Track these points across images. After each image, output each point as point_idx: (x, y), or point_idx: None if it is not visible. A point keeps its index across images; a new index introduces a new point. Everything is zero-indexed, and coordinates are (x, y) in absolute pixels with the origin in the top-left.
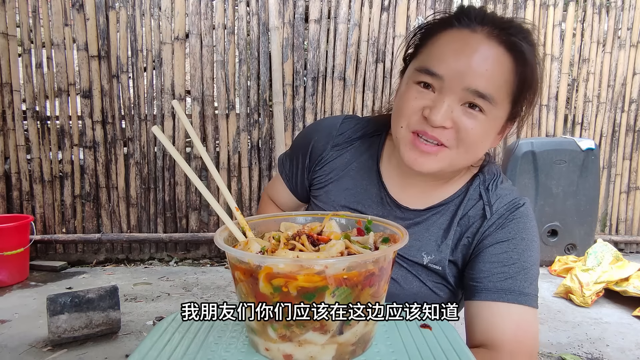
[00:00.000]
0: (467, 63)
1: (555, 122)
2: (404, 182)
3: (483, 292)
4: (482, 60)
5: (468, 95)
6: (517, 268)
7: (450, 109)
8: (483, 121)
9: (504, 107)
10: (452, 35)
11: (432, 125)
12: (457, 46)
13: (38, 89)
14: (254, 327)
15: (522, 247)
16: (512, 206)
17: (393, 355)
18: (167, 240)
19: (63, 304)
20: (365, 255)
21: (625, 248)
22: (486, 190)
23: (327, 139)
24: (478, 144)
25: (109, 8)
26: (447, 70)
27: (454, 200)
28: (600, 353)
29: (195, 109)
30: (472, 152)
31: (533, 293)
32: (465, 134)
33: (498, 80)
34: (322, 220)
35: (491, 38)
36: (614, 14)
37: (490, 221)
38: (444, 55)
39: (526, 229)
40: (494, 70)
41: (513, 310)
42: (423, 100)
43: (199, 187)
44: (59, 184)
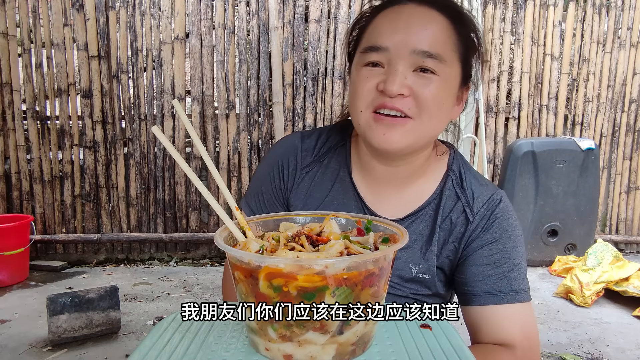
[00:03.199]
0: (407, 28)
1: (555, 122)
2: (378, 188)
3: (482, 297)
4: (420, 22)
5: (417, 59)
6: (509, 266)
7: (403, 75)
8: (438, 82)
9: (455, 66)
10: (385, 13)
11: (390, 96)
12: (392, 18)
13: (38, 89)
14: (254, 327)
15: (510, 245)
16: (492, 204)
17: (393, 355)
18: (167, 240)
19: (63, 304)
20: (365, 255)
21: (625, 248)
22: (461, 189)
23: (294, 161)
24: (440, 108)
25: (109, 8)
26: (391, 40)
27: (431, 203)
28: (600, 353)
29: (195, 109)
30: (435, 118)
31: (527, 287)
32: (424, 99)
33: (440, 38)
34: (321, 220)
35: (422, 4)
36: (614, 14)
37: (474, 224)
38: (383, 29)
39: (510, 226)
40: (434, 29)
41: (515, 309)
42: (375, 77)
43: (199, 187)
44: (59, 184)
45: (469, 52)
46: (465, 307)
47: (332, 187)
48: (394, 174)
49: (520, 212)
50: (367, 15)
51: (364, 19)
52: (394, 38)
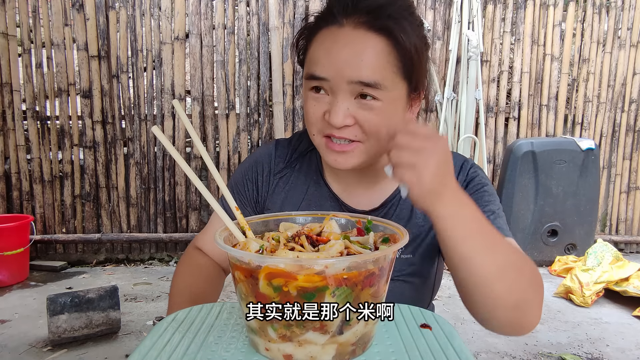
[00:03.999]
0: (343, 59)
1: (555, 122)
2: (351, 186)
3: None
4: (355, 52)
5: (356, 88)
6: (488, 212)
7: (345, 107)
8: (381, 107)
9: (399, 86)
10: (323, 36)
11: (335, 128)
12: (328, 45)
13: (38, 89)
14: (254, 327)
15: (487, 196)
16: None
17: (393, 355)
18: (167, 240)
19: (63, 304)
20: (365, 255)
21: (625, 248)
22: None
23: (268, 167)
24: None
25: (109, 8)
26: (328, 71)
27: None
28: (600, 353)
29: (195, 109)
30: (384, 137)
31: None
32: (369, 126)
33: (378, 64)
34: (321, 220)
35: (358, 27)
36: (614, 14)
37: None
38: (320, 57)
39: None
40: (370, 58)
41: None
42: (321, 105)
43: (199, 187)
44: (59, 184)
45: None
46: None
47: (307, 190)
48: (360, 177)
49: (520, 212)
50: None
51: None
52: (331, 69)
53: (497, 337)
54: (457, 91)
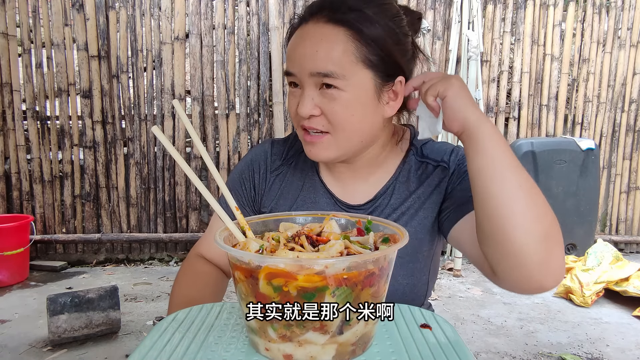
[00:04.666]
0: (302, 52)
1: (555, 122)
2: (345, 181)
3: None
4: (313, 44)
5: (317, 79)
6: None
7: (310, 97)
8: (344, 96)
9: (361, 75)
10: (294, 35)
11: (303, 118)
12: (294, 42)
13: (38, 89)
14: (254, 327)
15: None
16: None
17: (393, 355)
18: (167, 240)
19: (63, 304)
20: (365, 255)
21: (625, 248)
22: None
23: (264, 165)
24: (352, 121)
25: (109, 8)
26: (294, 66)
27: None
28: (600, 353)
29: (195, 109)
30: (351, 130)
31: None
32: (333, 116)
33: (334, 54)
34: (321, 220)
35: (318, 22)
36: (614, 14)
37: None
38: (289, 54)
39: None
40: (325, 48)
41: None
42: (295, 98)
43: (199, 187)
44: (59, 184)
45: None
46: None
47: (302, 186)
48: (353, 169)
49: None
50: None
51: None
52: (295, 64)
53: (497, 337)
54: None
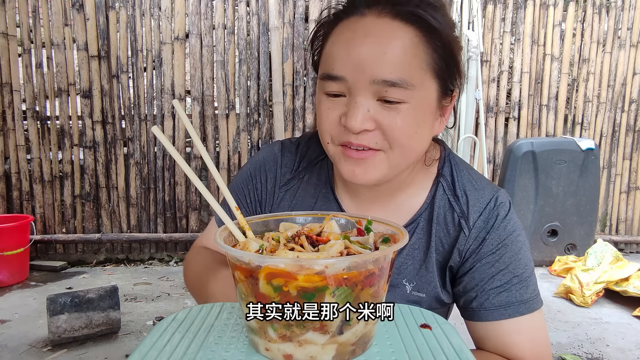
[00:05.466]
0: (363, 52)
1: (555, 122)
2: (363, 204)
3: (482, 312)
4: (378, 44)
5: (379, 88)
6: (509, 277)
7: (365, 108)
8: (407, 111)
9: (429, 85)
10: (342, 28)
11: (353, 133)
12: (347, 38)
13: (38, 89)
14: (254, 327)
15: (508, 255)
16: (489, 214)
17: (393, 355)
18: (167, 240)
19: (63, 304)
20: (365, 255)
21: (625, 248)
22: (454, 196)
23: (273, 178)
24: (413, 138)
25: (109, 8)
26: (346, 69)
27: (422, 214)
28: (600, 353)
29: (195, 109)
30: (409, 149)
31: (533, 296)
32: (392, 132)
33: (404, 59)
34: (321, 220)
35: (382, 16)
36: (614, 14)
37: (470, 238)
38: (337, 53)
39: (509, 234)
40: (396, 51)
41: (521, 323)
42: (337, 108)
43: (198, 187)
44: (59, 184)
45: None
46: (468, 322)
47: (314, 204)
48: (377, 192)
49: (520, 212)
50: (328, 22)
51: (325, 25)
52: (349, 66)
53: None
54: None
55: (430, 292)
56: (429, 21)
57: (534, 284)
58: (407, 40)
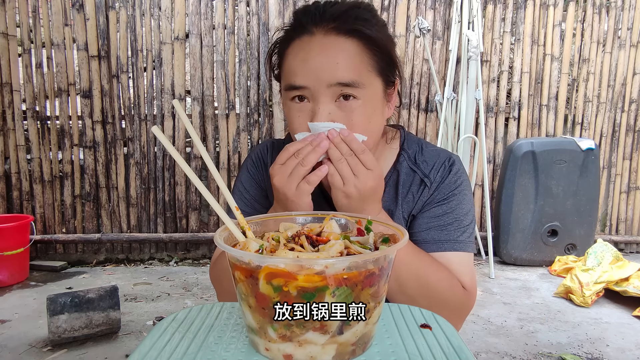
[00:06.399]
0: (319, 65)
1: (555, 122)
2: None
3: (423, 245)
4: (331, 56)
5: (336, 90)
6: (450, 219)
7: (327, 110)
8: (361, 105)
9: (375, 82)
10: (296, 47)
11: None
12: (303, 55)
13: (38, 89)
14: (254, 327)
15: (455, 203)
16: (445, 168)
17: (393, 355)
18: (167, 240)
19: (63, 304)
20: (365, 255)
21: (625, 248)
22: (415, 164)
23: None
24: (368, 127)
25: (109, 8)
26: (307, 79)
27: (389, 181)
28: (600, 353)
29: (195, 109)
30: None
31: (467, 239)
32: (352, 125)
33: (352, 64)
34: (321, 220)
35: (329, 33)
36: (614, 14)
37: (431, 189)
38: (297, 68)
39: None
40: (345, 59)
41: (459, 257)
42: (304, 112)
43: (199, 187)
44: (59, 184)
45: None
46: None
47: None
48: None
49: (520, 212)
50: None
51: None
52: (309, 77)
53: (497, 337)
54: (457, 91)
55: None
56: (366, 33)
57: (471, 233)
58: (352, 50)
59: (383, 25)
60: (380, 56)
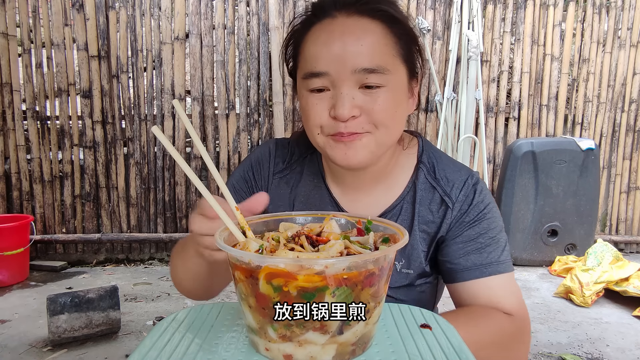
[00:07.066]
0: (342, 47)
1: (555, 122)
2: (350, 191)
3: (465, 273)
4: (355, 38)
5: (360, 77)
6: (487, 240)
7: (350, 97)
8: (386, 93)
9: (400, 69)
10: (317, 31)
11: (342, 121)
12: (324, 38)
13: (38, 89)
14: (254, 327)
15: (486, 223)
16: (469, 189)
17: (393, 355)
18: (167, 240)
19: (63, 304)
20: (365, 255)
21: (625, 248)
22: (435, 179)
23: (267, 166)
24: (394, 116)
25: (109, 8)
26: (329, 65)
27: (405, 197)
28: (600, 353)
29: (195, 109)
30: (391, 126)
31: (507, 259)
32: (376, 114)
33: (378, 48)
34: (321, 220)
35: (351, 15)
36: (614, 14)
37: (454, 210)
38: (318, 52)
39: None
40: (370, 42)
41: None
42: (324, 102)
43: (198, 187)
44: (59, 184)
45: (410, 46)
46: (453, 285)
47: (309, 194)
48: (361, 178)
49: (520, 212)
50: (298, 29)
51: (296, 34)
52: (331, 62)
53: None
54: (457, 91)
55: (417, 267)
56: (391, 13)
57: (508, 251)
58: (377, 32)
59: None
60: (405, 40)
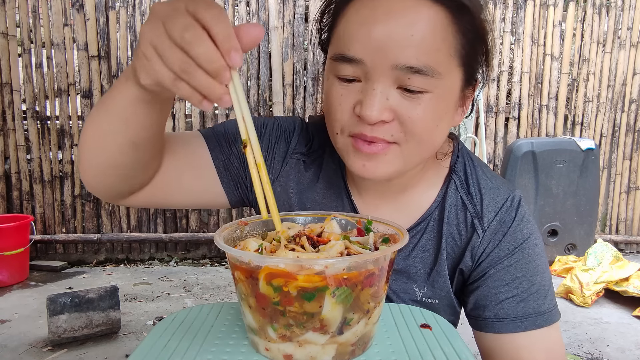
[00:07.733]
0: (385, 33)
1: (555, 122)
2: (370, 199)
3: (496, 324)
4: (403, 24)
5: (401, 75)
6: (526, 285)
7: (383, 96)
8: (430, 101)
9: (454, 73)
10: (358, 4)
11: (368, 124)
12: (365, 16)
13: (38, 89)
14: (254, 327)
15: (525, 261)
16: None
17: (393, 355)
18: (167, 240)
19: (63, 304)
20: (365, 255)
21: (625, 248)
22: (468, 194)
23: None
24: (433, 132)
25: (109, 8)
26: (364, 51)
27: (432, 214)
28: (600, 353)
29: (195, 109)
30: (428, 143)
31: (551, 307)
32: (412, 125)
33: (432, 43)
34: (322, 220)
35: None
36: (614, 14)
37: (485, 240)
38: (354, 33)
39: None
40: (423, 32)
41: (536, 336)
42: (351, 95)
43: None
44: (59, 184)
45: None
46: (477, 332)
47: (324, 190)
48: (386, 188)
49: None
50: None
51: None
52: (369, 49)
53: None
54: None
55: (443, 298)
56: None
57: (552, 294)
58: (437, 21)
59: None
60: (470, 39)
